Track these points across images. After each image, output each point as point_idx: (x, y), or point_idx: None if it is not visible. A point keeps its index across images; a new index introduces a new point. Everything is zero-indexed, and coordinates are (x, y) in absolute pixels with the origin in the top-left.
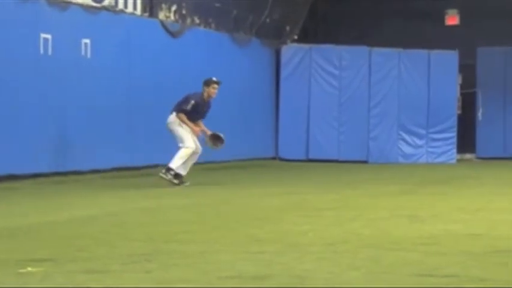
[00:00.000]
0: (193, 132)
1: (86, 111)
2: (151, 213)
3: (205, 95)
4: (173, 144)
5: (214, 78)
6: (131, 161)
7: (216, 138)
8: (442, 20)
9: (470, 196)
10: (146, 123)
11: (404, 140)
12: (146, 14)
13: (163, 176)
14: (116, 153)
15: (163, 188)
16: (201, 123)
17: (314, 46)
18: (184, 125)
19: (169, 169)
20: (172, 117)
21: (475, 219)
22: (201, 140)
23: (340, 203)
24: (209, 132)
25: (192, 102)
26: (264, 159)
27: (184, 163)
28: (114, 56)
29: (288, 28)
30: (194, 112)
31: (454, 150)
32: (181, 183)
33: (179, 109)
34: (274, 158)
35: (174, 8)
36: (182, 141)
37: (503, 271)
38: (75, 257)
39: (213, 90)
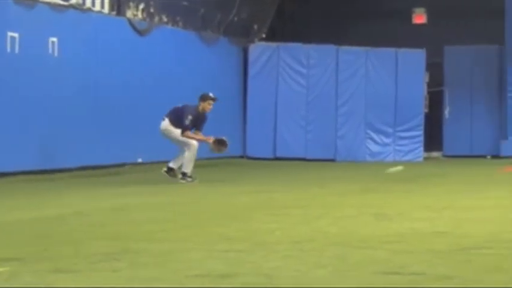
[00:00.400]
0: (202, 141)
1: (53, 110)
2: (120, 212)
3: (200, 108)
4: (142, 142)
5: (211, 94)
6: (99, 160)
7: (219, 143)
8: (410, 18)
9: (437, 194)
10: (113, 121)
11: (371, 138)
12: (114, 13)
13: (183, 181)
14: (83, 151)
15: (131, 187)
16: (200, 133)
17: (282, 45)
18: (177, 128)
19: (184, 174)
20: (166, 124)
21: (441, 217)
22: (205, 147)
23: (307, 202)
24: (211, 139)
25: (190, 117)
26: (232, 157)
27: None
28: (82, 55)
29: (255, 27)
30: (192, 125)
31: (421, 149)
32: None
33: (182, 128)
34: (242, 157)
35: (141, 6)
36: (184, 143)
37: (468, 269)
38: (42, 256)
39: (209, 106)
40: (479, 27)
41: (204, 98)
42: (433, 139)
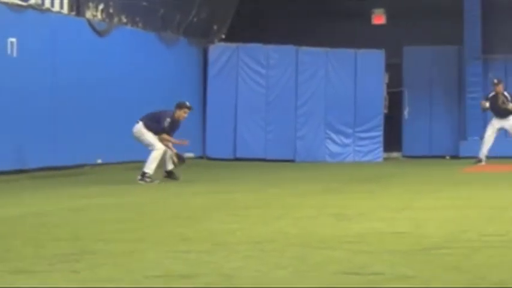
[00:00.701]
0: (168, 146)
1: (12, 110)
2: (79, 213)
3: (175, 116)
4: (101, 142)
5: (187, 103)
6: (58, 161)
7: (178, 158)
8: (369, 19)
9: (396, 194)
10: (73, 122)
11: (331, 139)
12: (73, 13)
13: (141, 182)
14: (43, 152)
15: (90, 187)
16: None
17: (241, 45)
18: (150, 132)
19: (144, 174)
20: (139, 127)
21: (400, 218)
22: None
23: (267, 202)
24: (175, 150)
25: (168, 119)
26: (192, 158)
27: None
28: (41, 55)
29: (215, 27)
30: (169, 130)
31: (381, 149)
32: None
33: (159, 130)
34: (201, 157)
35: (101, 6)
36: (151, 145)
37: (428, 268)
38: (2, 257)
39: (184, 114)
40: (438, 27)
41: (180, 105)
42: (393, 140)
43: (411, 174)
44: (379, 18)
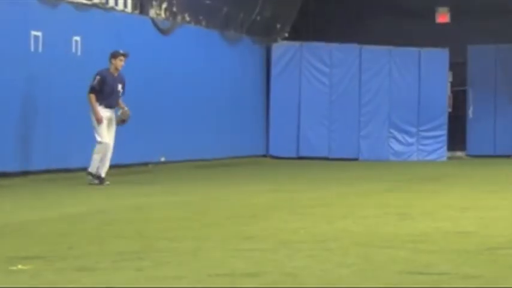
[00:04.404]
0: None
1: (74, 109)
2: (141, 211)
3: (113, 67)
4: (166, 140)
5: (121, 51)
6: (122, 159)
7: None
8: (433, 17)
9: (461, 194)
10: (136, 120)
11: (395, 137)
12: (137, 12)
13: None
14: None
15: (152, 185)
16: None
17: (305, 43)
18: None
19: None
20: None
21: (465, 217)
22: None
23: (330, 201)
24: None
25: (98, 77)
26: (255, 156)
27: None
28: (105, 54)
29: (278, 26)
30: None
31: (445, 148)
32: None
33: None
34: (265, 156)
35: (164, 5)
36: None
37: (493, 268)
38: (65, 255)
39: (120, 62)
40: (503, 26)
41: (114, 54)
42: (457, 139)
43: (476, 173)
44: (443, 16)
